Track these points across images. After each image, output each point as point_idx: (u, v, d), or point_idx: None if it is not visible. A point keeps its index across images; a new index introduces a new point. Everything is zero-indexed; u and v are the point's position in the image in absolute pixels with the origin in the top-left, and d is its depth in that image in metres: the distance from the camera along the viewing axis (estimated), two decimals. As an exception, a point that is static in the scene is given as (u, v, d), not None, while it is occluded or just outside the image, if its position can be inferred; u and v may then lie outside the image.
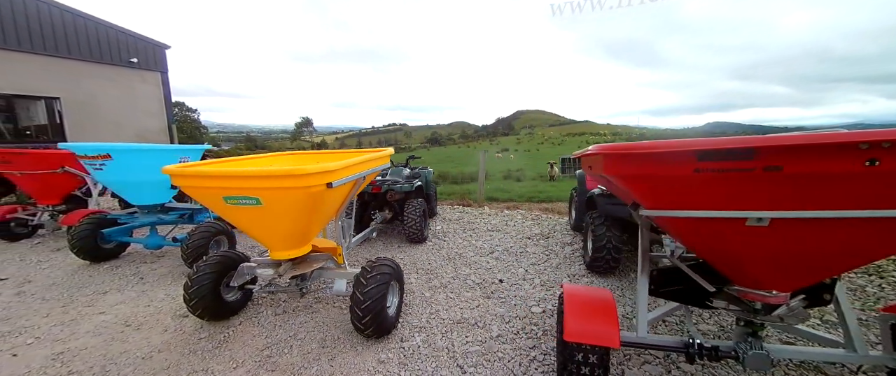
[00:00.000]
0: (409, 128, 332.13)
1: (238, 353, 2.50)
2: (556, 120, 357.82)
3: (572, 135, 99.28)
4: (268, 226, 2.42)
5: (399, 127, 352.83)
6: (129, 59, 9.92)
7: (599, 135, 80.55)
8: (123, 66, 9.93)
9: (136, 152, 3.46)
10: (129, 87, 10.07)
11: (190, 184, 2.33)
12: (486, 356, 2.48)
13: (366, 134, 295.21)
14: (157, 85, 10.68)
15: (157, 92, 10.71)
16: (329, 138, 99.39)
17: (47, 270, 3.92)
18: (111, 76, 9.68)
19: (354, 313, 2.46)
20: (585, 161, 2.22)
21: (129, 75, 10.09)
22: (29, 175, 4.44)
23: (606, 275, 3.69)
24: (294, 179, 2.15)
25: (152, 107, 10.66)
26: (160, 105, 10.78)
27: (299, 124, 53.77)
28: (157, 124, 10.74)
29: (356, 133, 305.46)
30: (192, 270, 2.74)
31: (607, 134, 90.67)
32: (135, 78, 10.21)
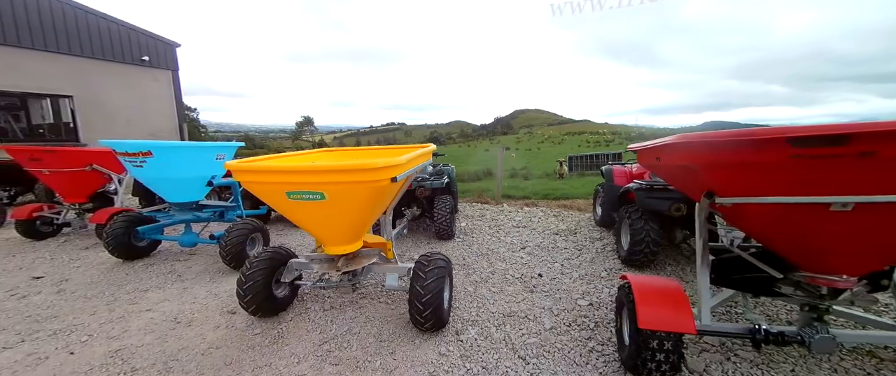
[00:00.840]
0: (408, 128, 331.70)
1: (296, 348, 2.50)
2: (555, 119, 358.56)
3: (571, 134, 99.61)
4: (329, 220, 2.42)
5: (398, 126, 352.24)
6: (140, 58, 9.83)
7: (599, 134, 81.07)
8: (135, 65, 9.83)
9: (176, 149, 3.45)
10: (141, 85, 9.98)
11: (252, 179, 2.33)
12: (545, 347, 2.50)
13: (364, 133, 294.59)
14: (168, 83, 10.58)
15: (169, 91, 10.62)
16: (328, 137, 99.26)
17: (81, 268, 3.90)
18: (123, 75, 9.59)
19: (414, 306, 2.47)
20: (651, 153, 2.24)
21: (140, 74, 9.99)
22: (57, 173, 4.41)
23: (643, 268, 3.71)
24: (362, 173, 2.15)
25: (164, 106, 10.57)
26: (171, 104, 10.69)
27: (300, 124, 53.64)
28: (169, 123, 10.65)
29: (354, 132, 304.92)
30: (245, 267, 2.73)
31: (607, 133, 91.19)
32: (146, 76, 10.12)
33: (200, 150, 3.61)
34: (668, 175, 2.27)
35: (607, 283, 3.43)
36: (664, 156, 2.10)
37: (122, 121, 9.59)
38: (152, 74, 10.19)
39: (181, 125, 10.73)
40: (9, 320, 2.87)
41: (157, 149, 3.35)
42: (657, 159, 2.17)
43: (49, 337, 2.64)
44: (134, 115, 9.79)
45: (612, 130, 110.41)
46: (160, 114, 10.47)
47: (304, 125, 54.49)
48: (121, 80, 9.51)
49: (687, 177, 2.07)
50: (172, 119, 10.71)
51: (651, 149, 2.21)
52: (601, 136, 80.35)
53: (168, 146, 3.40)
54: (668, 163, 2.11)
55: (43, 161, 4.33)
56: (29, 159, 4.36)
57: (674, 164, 2.08)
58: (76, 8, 8.79)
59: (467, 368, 2.29)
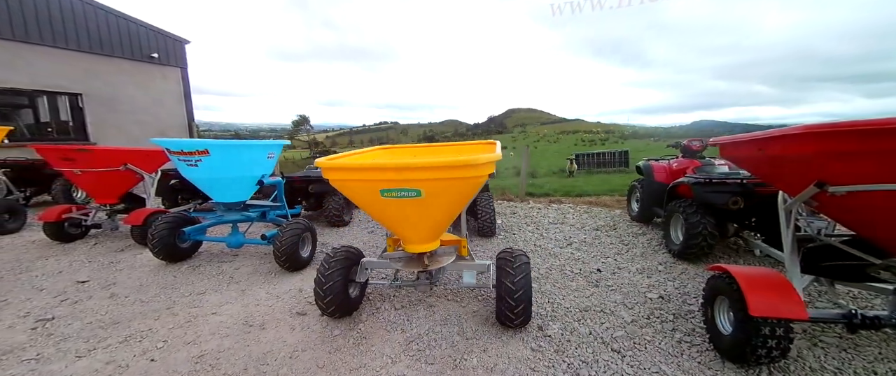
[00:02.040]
0: (402, 127, 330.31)
1: (384, 349, 2.46)
2: (548, 118, 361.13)
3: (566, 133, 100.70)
4: (419, 218, 2.38)
5: (391, 125, 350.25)
6: (149, 54, 9.49)
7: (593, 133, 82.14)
8: (144, 62, 9.48)
9: (232, 148, 3.35)
10: (151, 82, 9.63)
11: (345, 177, 2.28)
12: (634, 340, 2.51)
13: (358, 132, 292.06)
14: (177, 81, 10.24)
15: (178, 88, 10.28)
16: (320, 136, 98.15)
17: (125, 271, 3.76)
18: (132, 72, 9.24)
19: (505, 303, 2.45)
20: (751, 145, 2.26)
21: (150, 71, 9.65)
22: (90, 173, 4.24)
23: (696, 261, 3.75)
24: (464, 169, 2.12)
25: (173, 103, 10.23)
26: (180, 101, 10.36)
27: (296, 123, 53.00)
28: (179, 121, 10.32)
29: (347, 131, 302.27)
30: (322, 267, 2.67)
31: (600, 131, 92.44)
32: (156, 73, 9.78)
33: (254, 149, 3.51)
34: (767, 166, 2.29)
35: (667, 277, 3.46)
36: (770, 147, 2.12)
37: (133, 120, 9.25)
38: (162, 72, 9.86)
39: (190, 123, 10.43)
40: (69, 327, 2.74)
41: (214, 148, 3.24)
42: (760, 150, 2.18)
43: (120, 345, 2.53)
44: (144, 113, 9.45)
45: (605, 129, 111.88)
46: (170, 112, 10.13)
47: (300, 124, 53.81)
48: (130, 77, 9.17)
49: (792, 167, 2.09)
50: (182, 117, 10.38)
51: (751, 142, 2.24)
52: (596, 135, 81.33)
53: (225, 145, 3.29)
54: (773, 153, 2.13)
55: (76, 160, 4.16)
56: (61, 159, 4.18)
57: (780, 155, 2.10)
58: (85, 2, 8.43)
59: (568, 363, 2.28)
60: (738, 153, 2.49)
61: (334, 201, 5.42)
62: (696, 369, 2.22)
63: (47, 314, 2.90)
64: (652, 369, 2.23)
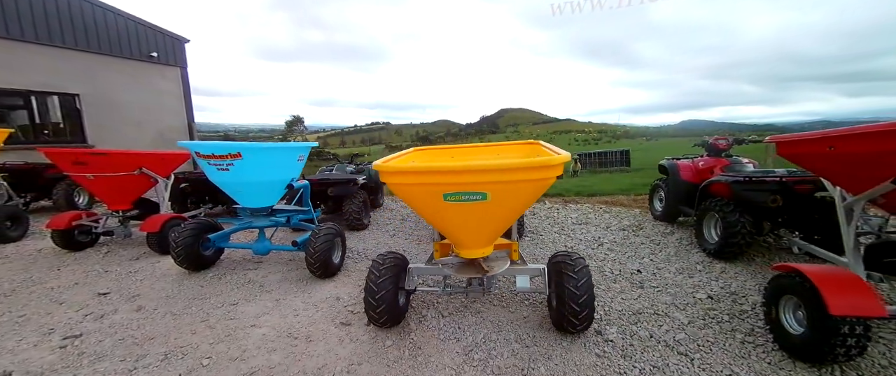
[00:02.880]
0: (394, 127, 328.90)
1: (443, 359, 2.36)
2: (539, 118, 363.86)
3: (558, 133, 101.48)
4: (481, 222, 2.30)
5: (383, 125, 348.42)
6: (148, 54, 9.12)
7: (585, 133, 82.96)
8: (143, 61, 9.10)
9: (266, 151, 3.20)
10: (150, 82, 9.25)
11: (406, 180, 2.18)
12: (697, 342, 2.47)
13: (349, 133, 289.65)
14: (176, 81, 9.87)
15: (177, 88, 9.91)
16: (310, 137, 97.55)
17: (147, 282, 3.57)
18: (131, 71, 8.86)
19: (568, 308, 2.37)
20: (820, 142, 2.25)
21: (148, 70, 9.27)
22: (103, 177, 4.02)
23: (733, 260, 3.74)
24: (535, 171, 2.06)
25: (173, 103, 9.86)
26: (180, 101, 9.99)
27: (290, 123, 52.20)
28: (178, 122, 9.95)
29: (339, 132, 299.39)
30: (373, 274, 2.56)
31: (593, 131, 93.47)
32: (155, 73, 9.40)
33: (286, 152, 3.37)
34: (834, 163, 2.27)
35: (709, 276, 3.44)
36: (842, 144, 2.11)
37: (132, 121, 8.87)
38: (161, 71, 9.50)
39: (190, 124, 10.08)
40: (101, 344, 2.57)
41: (248, 152, 3.09)
42: (830, 148, 2.17)
43: (161, 362, 2.38)
44: (143, 114, 9.07)
45: (597, 129, 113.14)
46: (170, 112, 9.76)
47: (293, 124, 53.07)
48: (129, 77, 8.79)
49: (865, 164, 2.07)
50: (182, 117, 10.01)
51: (820, 139, 2.22)
52: (588, 135, 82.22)
53: (258, 148, 3.14)
54: (845, 150, 2.11)
55: (89, 165, 3.94)
56: (72, 163, 3.95)
57: (853, 152, 2.08)
58: (82, 0, 8.04)
59: (639, 368, 2.23)
60: (800, 150, 2.47)
61: (354, 204, 5.29)
62: (767, 370, 2.18)
63: (74, 330, 2.72)
64: (723, 372, 2.18)
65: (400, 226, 5.68)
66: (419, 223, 5.82)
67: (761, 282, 3.28)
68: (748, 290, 3.13)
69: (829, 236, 3.52)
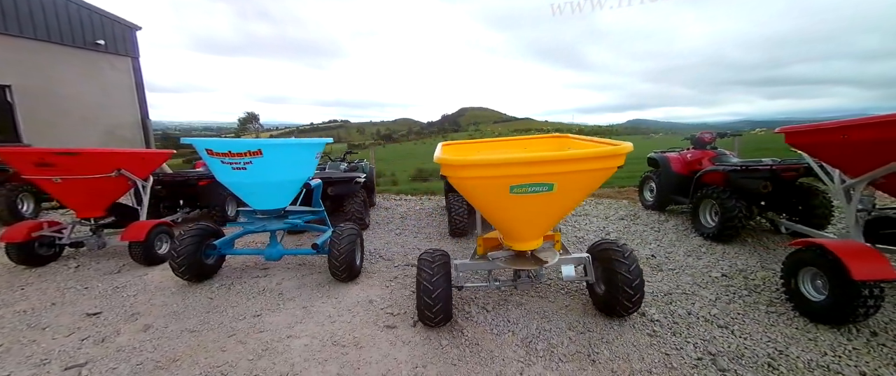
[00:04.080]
0: (353, 125, 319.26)
1: (506, 353, 2.35)
2: (499, 117, 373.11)
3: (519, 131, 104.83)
4: (541, 214, 2.31)
5: (340, 123, 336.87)
6: (94, 41, 7.88)
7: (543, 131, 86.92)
8: (88, 50, 7.82)
9: (288, 148, 2.93)
10: (97, 73, 7.99)
11: (472, 174, 2.12)
12: (729, 315, 2.70)
13: (305, 131, 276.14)
14: (128, 72, 8.62)
15: (128, 80, 8.67)
16: (263, 135, 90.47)
17: (142, 297, 3.13)
18: (74, 61, 7.57)
19: (623, 292, 2.47)
20: (833, 132, 2.53)
21: (95, 60, 8.00)
22: (74, 181, 3.45)
23: (729, 242, 4.11)
24: (603, 160, 2.10)
25: (124, 98, 8.60)
26: (132, 96, 8.76)
27: (243, 120, 48.24)
28: (130, 118, 8.70)
29: (294, 130, 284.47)
30: (426, 274, 2.47)
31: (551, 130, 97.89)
32: (102, 63, 8.14)
33: (306, 148, 3.11)
34: (843, 149, 2.57)
35: (714, 258, 3.76)
36: (854, 133, 2.39)
37: (77, 117, 7.62)
38: (109, 61, 8.26)
39: (144, 120, 8.90)
40: (115, 372, 2.21)
41: (268, 148, 2.81)
42: (844, 136, 2.45)
43: (198, 384, 2.11)
44: (90, 109, 7.82)
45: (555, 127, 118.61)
46: (121, 107, 8.52)
47: (248, 121, 49.23)
48: (72, 67, 7.53)
49: (872, 150, 2.37)
50: (134, 113, 8.80)
51: (835, 129, 2.51)
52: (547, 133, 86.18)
53: (278, 144, 2.86)
54: (856, 138, 2.40)
55: (56, 166, 3.35)
56: (34, 165, 3.34)
57: (863, 139, 2.37)
58: None
59: (693, 343, 2.38)
60: (810, 139, 2.77)
61: (355, 203, 5.07)
62: (797, 334, 2.44)
63: (75, 358, 2.32)
64: (763, 339, 2.40)
65: (402, 224, 5.54)
66: (422, 220, 5.72)
67: (760, 259, 3.64)
68: (752, 267, 3.47)
69: (808, 216, 4.00)
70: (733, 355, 2.27)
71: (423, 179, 15.19)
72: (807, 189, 4.01)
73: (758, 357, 2.25)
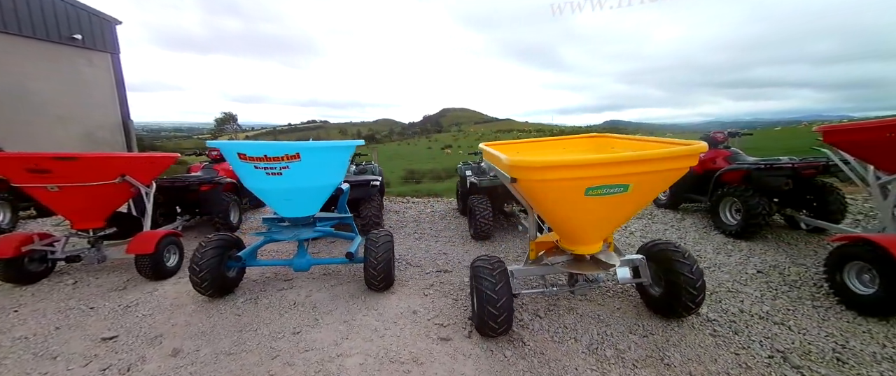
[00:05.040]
0: (332, 126, 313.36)
1: (576, 361, 2.28)
2: (480, 117, 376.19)
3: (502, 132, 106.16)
4: (610, 216, 2.25)
5: (320, 124, 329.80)
6: (70, 35, 7.17)
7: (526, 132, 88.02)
8: (65, 44, 7.12)
9: (326, 151, 2.72)
10: (74, 70, 7.27)
11: (553, 176, 2.02)
12: (781, 311, 2.75)
13: (282, 131, 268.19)
14: (107, 69, 7.92)
15: (108, 78, 7.97)
16: (240, 136, 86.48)
17: (160, 317, 2.82)
18: (49, 56, 6.84)
19: (687, 293, 2.44)
20: (878, 130, 2.59)
21: (71, 56, 7.27)
22: (72, 189, 3.09)
23: (751, 239, 4.19)
24: (678, 160, 2.05)
25: (103, 96, 7.88)
26: (112, 94, 8.05)
27: (220, 121, 46.02)
28: (110, 118, 7.98)
29: (271, 130, 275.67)
30: (489, 282, 2.34)
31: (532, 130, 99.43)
32: (80, 60, 7.41)
33: (342, 151, 2.91)
34: (886, 147, 2.63)
35: (743, 255, 3.81)
36: None
37: (52, 117, 6.90)
38: (87, 57, 7.56)
39: (126, 121, 8.20)
40: (150, 404, 1.96)
41: (307, 152, 2.60)
42: (889, 134, 2.51)
43: (254, 413, 1.89)
44: (66, 109, 7.11)
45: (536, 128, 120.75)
46: (100, 107, 7.80)
47: (225, 122, 47.10)
48: (45, 62, 6.80)
49: None
50: (114, 113, 8.09)
51: (881, 127, 2.56)
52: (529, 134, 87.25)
53: (316, 147, 2.65)
54: None
55: (53, 173, 2.98)
56: (26, 171, 2.96)
57: None
58: None
59: (758, 342, 2.40)
60: (851, 137, 2.85)
61: (373, 207, 4.88)
62: (850, 328, 2.49)
63: (101, 392, 2.04)
64: (822, 334, 2.44)
65: (418, 228, 5.38)
66: (436, 223, 5.57)
67: (787, 254, 3.73)
68: (783, 263, 3.54)
69: (823, 212, 4.14)
70: (801, 352, 2.28)
71: (415, 181, 14.98)
72: (822, 186, 4.16)
73: (824, 352, 2.27)
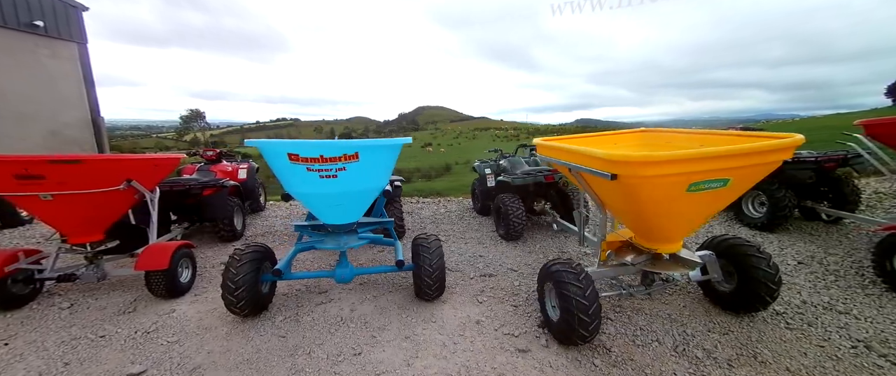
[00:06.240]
0: (303, 123, 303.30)
1: (668, 365, 2.20)
2: (456, 116, 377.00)
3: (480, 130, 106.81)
4: (702, 212, 2.19)
5: (290, 122, 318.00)
6: (31, 22, 6.18)
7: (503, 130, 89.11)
8: (24, 32, 6.12)
9: (382, 149, 2.44)
10: (36, 62, 6.30)
11: (653, 172, 1.88)
12: (840, 301, 2.80)
13: (251, 129, 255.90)
14: (73, 61, 6.94)
15: (75, 70, 6.99)
16: (202, 134, 79.49)
17: (191, 343, 2.42)
18: (6, 45, 5.82)
19: (767, 289, 2.43)
20: None
21: (32, 46, 6.27)
22: (70, 197, 2.62)
23: (775, 231, 4.31)
24: (779, 153, 1.99)
25: (70, 91, 6.90)
26: (80, 88, 7.06)
27: (187, 118, 42.78)
28: (78, 115, 6.98)
29: (238, 128, 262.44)
30: (578, 289, 2.19)
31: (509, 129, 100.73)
32: (42, 50, 6.42)
33: (394, 150, 2.62)
34: None
35: (774, 246, 3.91)
36: None
37: (9, 114, 5.93)
38: (50, 47, 6.58)
39: (95, 118, 7.26)
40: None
41: (365, 151, 2.32)
42: None
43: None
44: (26, 105, 6.14)
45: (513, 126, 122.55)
46: (65, 103, 6.82)
47: (191, 119, 43.93)
48: (2, 54, 5.84)
49: None
50: (82, 109, 7.13)
51: None
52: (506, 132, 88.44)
53: (373, 146, 2.37)
54: None
55: (47, 179, 2.50)
56: (14, 177, 2.46)
57: None
58: None
59: (835, 332, 2.42)
60: (877, 130, 2.94)
61: (396, 208, 4.61)
62: (907, 314, 2.55)
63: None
64: (887, 321, 2.51)
65: (438, 230, 5.13)
66: (455, 224, 5.35)
67: (817, 244, 3.84)
68: (817, 252, 3.65)
69: (840, 202, 4.31)
70: (878, 340, 2.30)
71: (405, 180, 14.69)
72: (838, 179, 4.34)
73: (899, 340, 2.30)
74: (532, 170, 4.63)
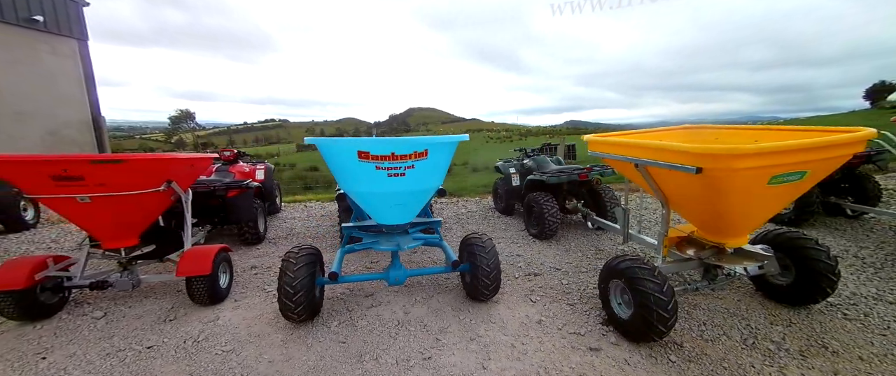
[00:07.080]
0: (292, 125, 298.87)
1: (742, 358, 2.21)
2: (447, 117, 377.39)
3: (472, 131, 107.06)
4: (774, 205, 2.22)
5: (279, 123, 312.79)
6: (30, 17, 5.81)
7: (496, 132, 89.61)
8: (22, 27, 5.76)
9: (447, 146, 2.37)
10: (35, 59, 5.93)
11: (747, 165, 1.89)
12: (888, 293, 2.83)
13: (239, 131, 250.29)
14: (73, 58, 6.58)
15: (75, 68, 6.62)
16: (187, 136, 76.07)
17: (245, 352, 2.28)
18: (4, 41, 5.52)
19: (827, 280, 2.46)
20: None
21: (32, 42, 5.91)
22: (108, 200, 2.46)
23: (802, 226, 4.40)
24: (853, 146, 2.02)
25: (70, 90, 6.54)
26: (80, 87, 6.69)
27: (176, 119, 41.44)
28: (77, 115, 6.61)
29: (226, 129, 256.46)
30: (655, 286, 2.17)
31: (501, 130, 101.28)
32: (42, 46, 6.07)
33: (454, 147, 2.56)
34: None
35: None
36: None
37: (7, 113, 5.58)
38: (50, 44, 6.22)
39: (96, 117, 6.89)
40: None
41: (434, 148, 2.25)
42: None
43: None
44: (25, 103, 5.77)
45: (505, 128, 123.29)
46: (65, 102, 6.45)
47: (180, 120, 42.63)
48: (2, 49, 5.49)
49: None
50: (82, 109, 6.76)
51: None
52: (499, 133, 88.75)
53: (442, 143, 2.30)
54: None
55: (86, 180, 2.34)
56: (51, 179, 2.29)
57: None
58: None
59: (890, 320, 2.46)
60: None
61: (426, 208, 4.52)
62: (957, 305, 2.62)
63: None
64: None
65: (465, 231, 5.08)
66: (479, 223, 5.30)
67: (847, 239, 3.94)
68: (848, 246, 3.74)
69: (862, 199, 4.43)
70: (939, 330, 2.35)
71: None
72: (858, 175, 4.47)
73: (955, 329, 2.35)
74: (565, 168, 4.64)
